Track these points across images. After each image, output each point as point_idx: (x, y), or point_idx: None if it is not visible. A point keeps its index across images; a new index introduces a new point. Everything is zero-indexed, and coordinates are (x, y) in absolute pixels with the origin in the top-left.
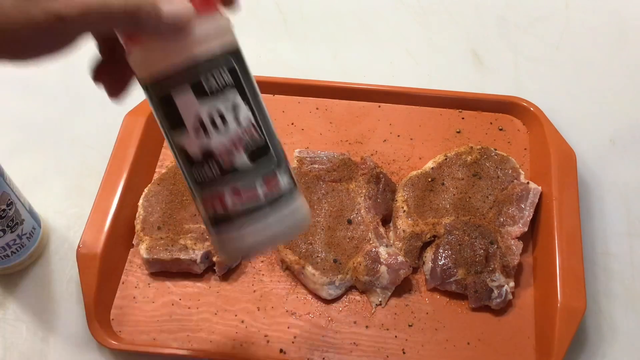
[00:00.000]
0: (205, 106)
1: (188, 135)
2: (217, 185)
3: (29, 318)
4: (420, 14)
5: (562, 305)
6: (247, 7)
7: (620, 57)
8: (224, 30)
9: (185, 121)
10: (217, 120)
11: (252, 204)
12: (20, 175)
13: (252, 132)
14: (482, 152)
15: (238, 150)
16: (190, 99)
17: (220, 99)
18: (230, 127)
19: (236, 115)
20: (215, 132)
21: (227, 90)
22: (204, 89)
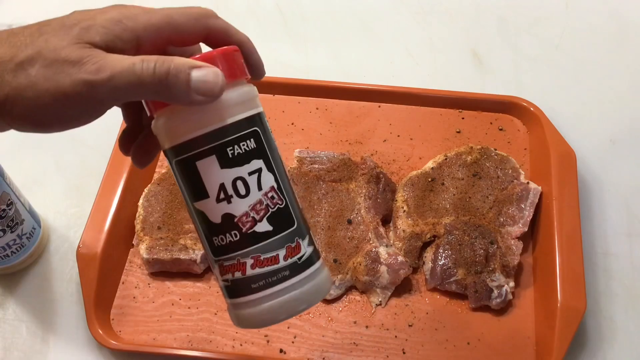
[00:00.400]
0: (229, 174)
1: (209, 201)
2: (236, 250)
3: (29, 318)
4: (420, 14)
5: (562, 305)
6: (247, 7)
7: (620, 57)
8: (251, 97)
9: (207, 189)
10: (240, 187)
11: (272, 270)
12: (20, 175)
13: (274, 197)
14: (482, 152)
15: (259, 214)
16: (215, 168)
17: (244, 166)
18: (252, 192)
19: (259, 180)
20: (237, 198)
21: (250, 157)
22: (229, 158)
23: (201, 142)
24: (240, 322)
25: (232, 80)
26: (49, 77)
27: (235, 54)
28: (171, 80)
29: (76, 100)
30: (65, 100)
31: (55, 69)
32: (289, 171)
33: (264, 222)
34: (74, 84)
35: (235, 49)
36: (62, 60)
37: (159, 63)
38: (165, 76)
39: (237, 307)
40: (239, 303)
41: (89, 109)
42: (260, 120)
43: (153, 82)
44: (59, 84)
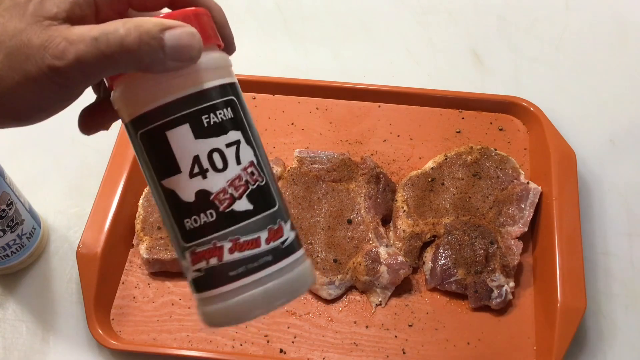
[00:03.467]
0: (204, 145)
1: (181, 177)
2: (212, 233)
3: (29, 318)
4: (420, 14)
5: (562, 305)
6: (247, 7)
7: (620, 57)
8: (227, 64)
9: (179, 163)
10: (217, 159)
11: (253, 255)
12: (20, 175)
13: (254, 173)
14: (482, 152)
15: (238, 191)
16: (188, 139)
17: (221, 137)
18: (230, 167)
19: (237, 154)
20: (214, 172)
21: (228, 127)
22: (204, 127)
23: (172, 110)
24: (213, 320)
25: (207, 44)
26: (14, 67)
27: (207, 16)
28: (143, 49)
29: (47, 88)
30: (36, 90)
31: (19, 57)
32: (288, 171)
33: (244, 200)
34: (40, 71)
35: (205, 11)
36: (24, 45)
37: (125, 32)
38: (136, 46)
39: (209, 302)
40: (211, 296)
41: (62, 95)
42: (236, 90)
43: (123, 56)
44: (27, 73)
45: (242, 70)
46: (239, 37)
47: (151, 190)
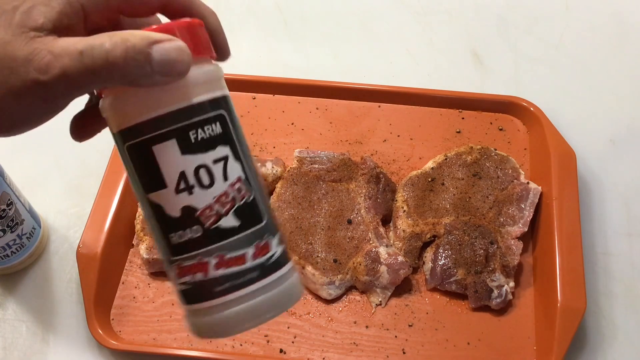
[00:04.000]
0: (191, 161)
1: (167, 192)
2: (198, 248)
3: (29, 318)
4: (420, 14)
5: (562, 305)
6: (247, 7)
7: (620, 57)
8: (217, 77)
9: (165, 178)
10: (203, 176)
11: (238, 272)
12: (20, 175)
13: (242, 189)
14: (482, 152)
15: (224, 208)
16: (175, 154)
17: (208, 153)
18: (217, 183)
19: (225, 170)
20: (200, 189)
21: (215, 143)
22: (191, 143)
23: (159, 124)
24: (201, 332)
25: (197, 57)
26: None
27: (200, 28)
28: (129, 64)
29: (32, 102)
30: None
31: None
32: (288, 171)
33: (230, 216)
34: (25, 85)
35: (199, 22)
36: (9, 58)
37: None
38: (122, 61)
39: (196, 315)
40: (198, 310)
41: (47, 108)
42: (226, 103)
43: (108, 71)
44: (11, 87)
45: (242, 70)
46: (239, 37)
47: (138, 201)
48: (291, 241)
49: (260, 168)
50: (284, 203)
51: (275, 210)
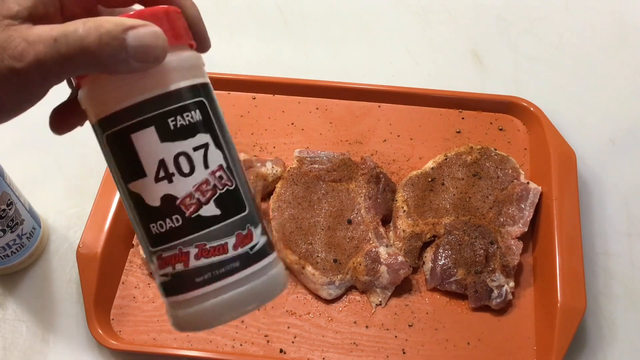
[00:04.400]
0: (170, 149)
1: (146, 181)
2: (178, 238)
3: (29, 318)
4: (420, 14)
5: (562, 305)
6: (247, 7)
7: (620, 57)
8: (196, 64)
9: (144, 166)
10: (183, 164)
11: (220, 262)
12: (20, 175)
13: (223, 177)
14: (482, 152)
15: (205, 196)
16: (153, 142)
17: (188, 140)
18: (198, 171)
19: (205, 157)
20: (180, 177)
21: (195, 130)
22: (170, 130)
23: (137, 112)
24: (181, 325)
25: (175, 43)
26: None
27: (176, 14)
28: (104, 51)
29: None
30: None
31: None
32: (288, 171)
33: (211, 205)
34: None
35: (175, 9)
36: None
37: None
38: (97, 47)
39: (177, 307)
40: (179, 301)
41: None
42: (206, 91)
43: (83, 57)
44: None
45: (242, 70)
46: (239, 37)
47: (119, 192)
48: (291, 241)
49: (260, 168)
50: (284, 203)
51: (275, 210)
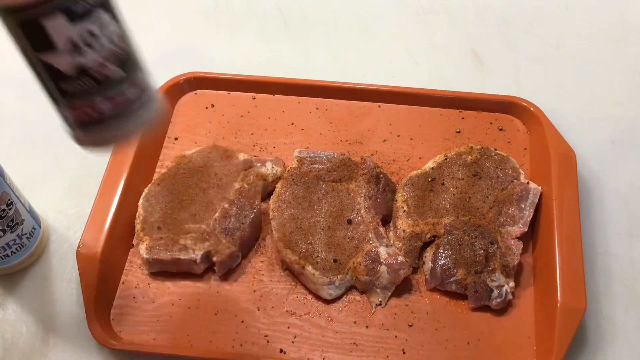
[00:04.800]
0: (77, 27)
1: (59, 54)
2: (91, 95)
3: (29, 318)
4: (420, 14)
5: (562, 305)
6: (247, 7)
7: (620, 57)
8: None
9: (56, 43)
10: (90, 38)
11: (123, 106)
12: (20, 175)
13: (122, 45)
14: (482, 152)
15: (111, 63)
16: (62, 23)
17: (90, 18)
18: (103, 42)
19: (107, 31)
20: (88, 49)
21: (95, 9)
22: (76, 12)
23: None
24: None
25: None
26: None
27: None
28: None
29: None
30: None
31: None
32: (288, 171)
33: (116, 67)
34: None
35: None
36: None
37: None
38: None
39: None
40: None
41: None
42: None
43: None
44: None
45: (242, 70)
46: (239, 37)
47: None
48: (291, 241)
49: (260, 168)
50: (284, 203)
51: (275, 210)
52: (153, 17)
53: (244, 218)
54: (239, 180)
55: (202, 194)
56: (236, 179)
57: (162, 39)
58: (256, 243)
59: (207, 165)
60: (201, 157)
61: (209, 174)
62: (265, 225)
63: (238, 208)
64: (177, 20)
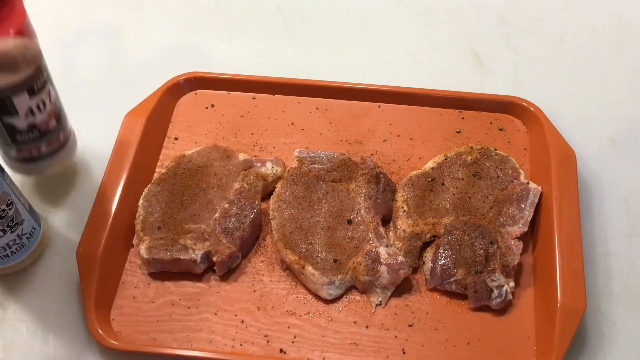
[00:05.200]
0: (34, 99)
1: (19, 118)
2: (36, 141)
3: (29, 318)
4: (420, 14)
5: (562, 305)
6: (247, 7)
7: (620, 57)
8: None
9: (18, 111)
10: (41, 105)
11: (56, 146)
12: (20, 175)
13: (57, 104)
14: (482, 152)
15: (51, 119)
16: (25, 98)
17: (43, 91)
18: (47, 106)
19: (50, 97)
20: (39, 113)
21: (46, 84)
22: (34, 90)
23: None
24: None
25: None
26: None
27: None
28: None
29: None
30: None
31: None
32: (288, 171)
33: (53, 120)
34: None
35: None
36: None
37: None
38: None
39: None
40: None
41: None
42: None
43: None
44: None
45: (242, 70)
46: (239, 37)
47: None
48: (291, 241)
49: (260, 168)
50: (284, 203)
51: (275, 210)
52: (153, 17)
53: (244, 218)
54: (239, 180)
55: (202, 194)
56: (236, 179)
57: (162, 39)
58: (256, 243)
59: (207, 165)
60: (201, 157)
61: (209, 174)
62: (265, 225)
63: (238, 208)
64: (177, 20)
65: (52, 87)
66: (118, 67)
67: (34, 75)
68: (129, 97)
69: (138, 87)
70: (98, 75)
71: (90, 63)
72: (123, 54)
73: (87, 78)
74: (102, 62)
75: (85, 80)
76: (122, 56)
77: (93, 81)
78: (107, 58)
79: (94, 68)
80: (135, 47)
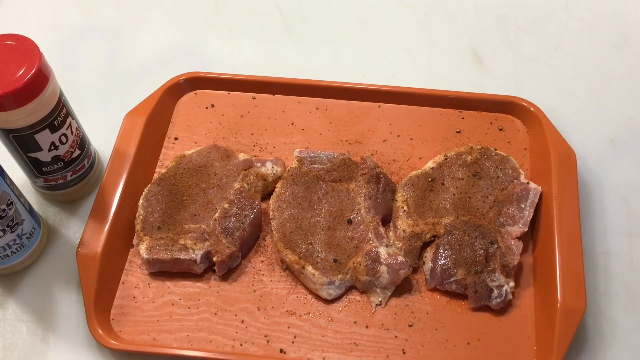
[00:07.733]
0: (55, 134)
1: (42, 152)
2: (60, 171)
3: (29, 318)
4: (420, 13)
5: (562, 305)
6: (247, 7)
7: (620, 57)
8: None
9: (41, 146)
10: (63, 138)
11: (80, 172)
12: (21, 175)
13: (79, 132)
14: (482, 152)
15: (74, 149)
16: (47, 134)
17: (64, 126)
18: (69, 138)
19: (71, 130)
20: (61, 145)
21: (65, 120)
22: (55, 126)
23: (38, 124)
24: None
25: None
26: None
27: None
28: None
29: None
30: None
31: None
32: (288, 171)
33: (77, 150)
34: None
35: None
36: None
37: None
38: None
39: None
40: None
41: None
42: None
43: None
44: None
45: (242, 70)
46: (239, 37)
47: (15, 158)
48: (291, 241)
49: (260, 168)
50: (284, 203)
51: (275, 210)
52: (153, 17)
53: (244, 218)
54: (239, 180)
55: (202, 194)
56: (236, 179)
57: (162, 39)
58: (256, 243)
59: (207, 165)
60: (201, 157)
61: (209, 174)
62: (265, 225)
63: (238, 208)
64: (177, 20)
65: (73, 119)
66: (118, 67)
67: (53, 111)
68: (129, 97)
69: (138, 87)
70: (98, 75)
71: (91, 63)
72: (123, 54)
73: (87, 78)
74: (102, 62)
75: (85, 80)
76: (122, 56)
77: (93, 81)
78: (107, 58)
79: (94, 68)
80: (135, 47)
